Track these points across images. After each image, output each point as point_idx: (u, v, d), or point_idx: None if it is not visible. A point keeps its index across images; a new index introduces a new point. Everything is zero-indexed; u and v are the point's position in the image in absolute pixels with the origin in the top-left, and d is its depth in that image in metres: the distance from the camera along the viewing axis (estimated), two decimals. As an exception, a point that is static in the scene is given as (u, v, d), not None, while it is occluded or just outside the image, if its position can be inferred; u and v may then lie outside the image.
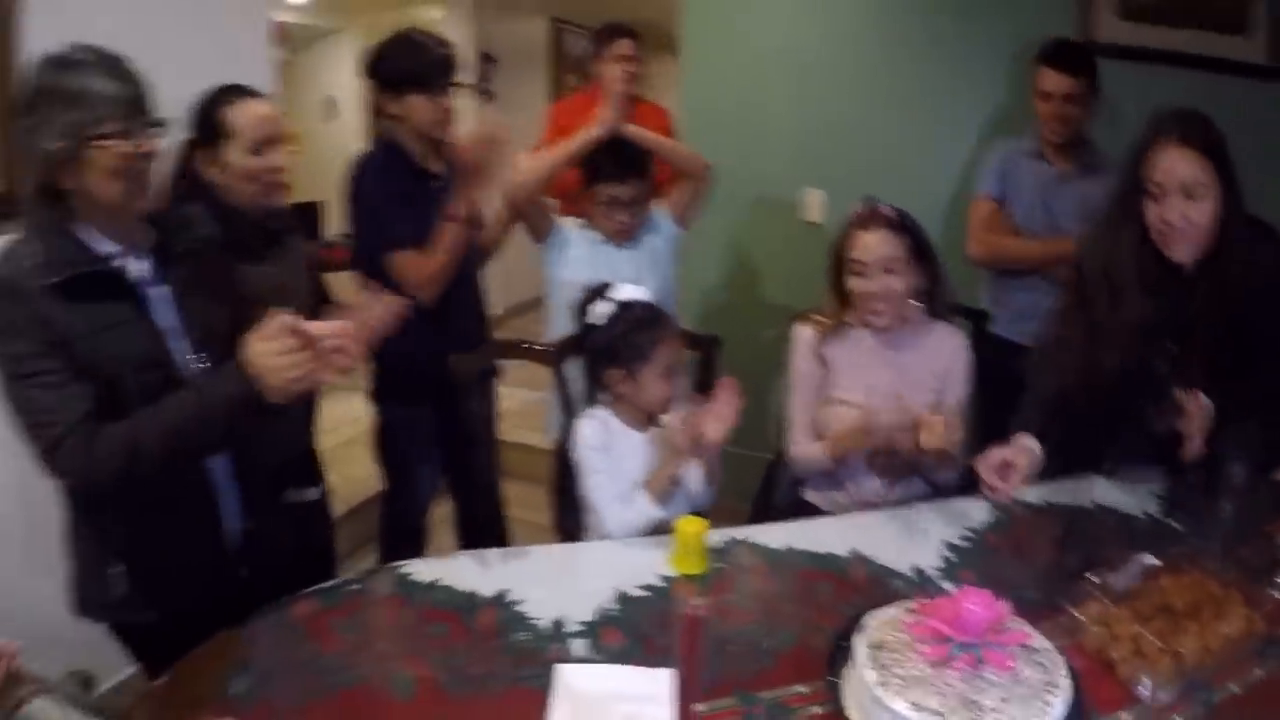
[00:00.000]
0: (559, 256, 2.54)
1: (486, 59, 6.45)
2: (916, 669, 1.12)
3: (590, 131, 2.51)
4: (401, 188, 2.33)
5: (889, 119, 3.36)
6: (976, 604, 1.13)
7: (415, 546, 2.61)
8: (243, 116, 1.98)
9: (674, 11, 3.81)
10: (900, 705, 1.07)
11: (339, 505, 2.68)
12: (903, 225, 2.00)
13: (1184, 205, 1.66)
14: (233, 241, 1.69)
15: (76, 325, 1.41)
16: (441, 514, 2.73)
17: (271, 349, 1.37)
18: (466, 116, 2.38)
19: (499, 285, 2.61)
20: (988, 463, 1.71)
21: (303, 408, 2.11)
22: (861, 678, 1.13)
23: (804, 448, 2.07)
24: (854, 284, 2.00)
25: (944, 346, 2.07)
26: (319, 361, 1.39)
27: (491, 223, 2.59)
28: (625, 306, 1.90)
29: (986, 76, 3.21)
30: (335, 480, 2.43)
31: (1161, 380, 1.75)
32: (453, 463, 2.60)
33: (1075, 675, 1.16)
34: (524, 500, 2.68)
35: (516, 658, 1.36)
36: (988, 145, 2.97)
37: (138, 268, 1.51)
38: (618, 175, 2.45)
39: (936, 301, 2.07)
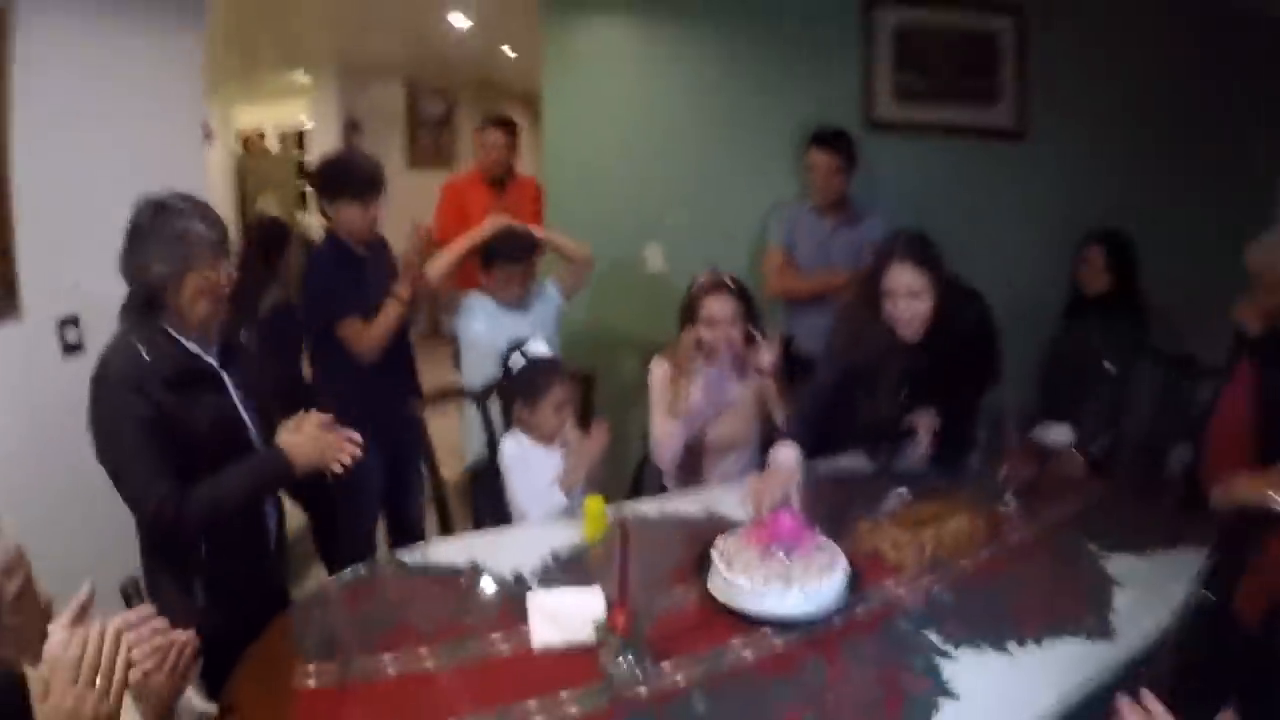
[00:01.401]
0: (468, 324, 3.21)
1: (352, 126, 6.97)
2: (750, 559, 1.89)
3: (485, 229, 3.19)
4: (344, 270, 2.92)
5: (707, 185, 4.10)
6: (788, 519, 1.93)
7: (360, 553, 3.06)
8: None
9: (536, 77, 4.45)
10: (741, 579, 1.85)
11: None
12: (739, 290, 2.73)
13: (908, 303, 2.42)
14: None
15: (178, 407, 1.90)
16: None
17: (301, 440, 1.99)
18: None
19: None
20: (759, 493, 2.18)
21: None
22: (716, 568, 1.90)
23: (663, 443, 2.75)
24: (705, 334, 2.69)
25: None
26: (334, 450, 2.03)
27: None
28: (530, 358, 2.59)
29: (785, 149, 3.99)
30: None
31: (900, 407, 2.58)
32: (391, 487, 3.15)
33: (852, 561, 1.96)
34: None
35: (497, 597, 2.03)
36: (779, 204, 3.80)
37: (211, 358, 2.05)
38: (513, 259, 3.14)
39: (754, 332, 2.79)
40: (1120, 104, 4.10)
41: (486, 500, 2.77)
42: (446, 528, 2.70)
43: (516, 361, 2.61)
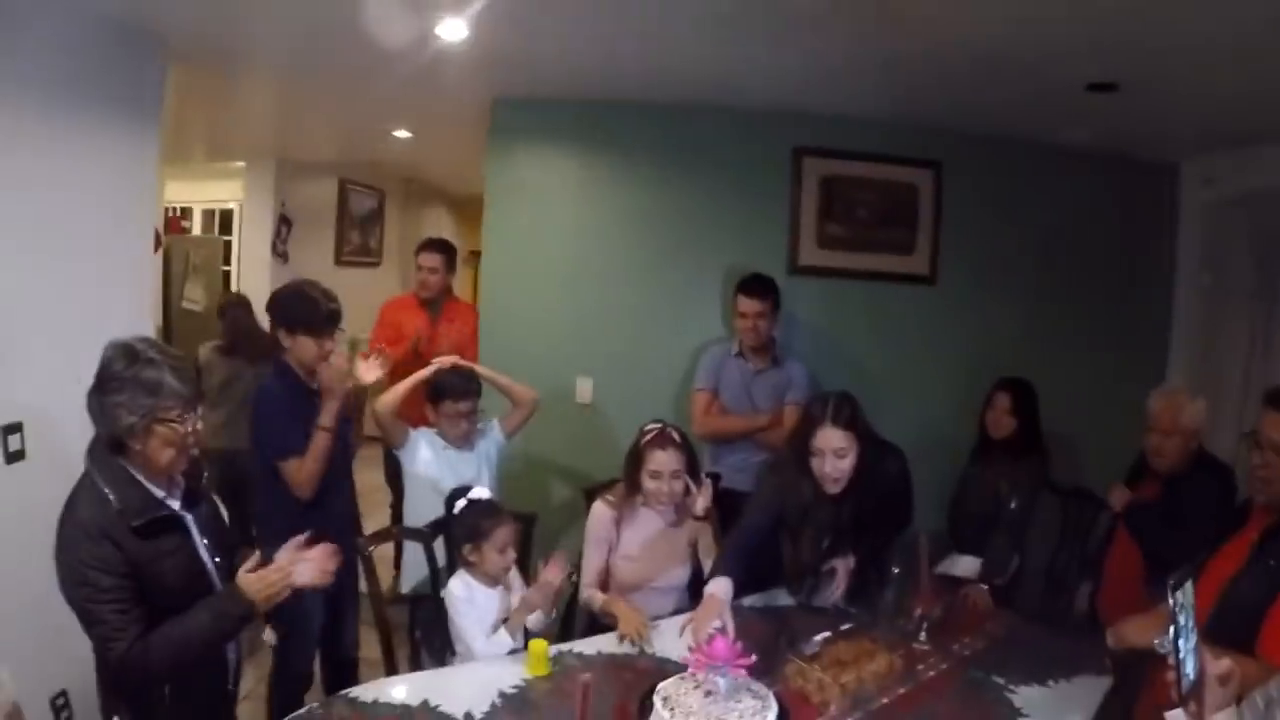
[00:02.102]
0: (413, 457, 3.32)
1: (284, 221, 7.00)
2: (691, 705, 2.03)
3: (432, 367, 3.34)
4: (292, 406, 2.94)
5: (638, 321, 4.27)
6: (723, 644, 2.07)
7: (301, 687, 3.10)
8: None
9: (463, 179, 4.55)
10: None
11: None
12: (683, 442, 2.91)
13: (834, 462, 2.63)
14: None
15: (146, 554, 1.96)
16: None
17: (255, 579, 2.04)
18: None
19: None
20: (697, 635, 2.29)
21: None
22: (658, 713, 2.03)
23: (591, 593, 2.90)
24: (649, 484, 2.87)
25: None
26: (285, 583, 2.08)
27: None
28: (475, 502, 2.72)
29: (715, 288, 4.22)
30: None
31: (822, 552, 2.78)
32: (328, 613, 3.12)
33: (781, 700, 2.11)
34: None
35: (448, 739, 2.12)
36: (704, 348, 4.00)
37: (176, 502, 2.11)
38: (458, 396, 3.29)
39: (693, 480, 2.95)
40: (1018, 252, 4.48)
41: (426, 628, 2.88)
42: (389, 653, 2.77)
43: (461, 506, 2.74)
